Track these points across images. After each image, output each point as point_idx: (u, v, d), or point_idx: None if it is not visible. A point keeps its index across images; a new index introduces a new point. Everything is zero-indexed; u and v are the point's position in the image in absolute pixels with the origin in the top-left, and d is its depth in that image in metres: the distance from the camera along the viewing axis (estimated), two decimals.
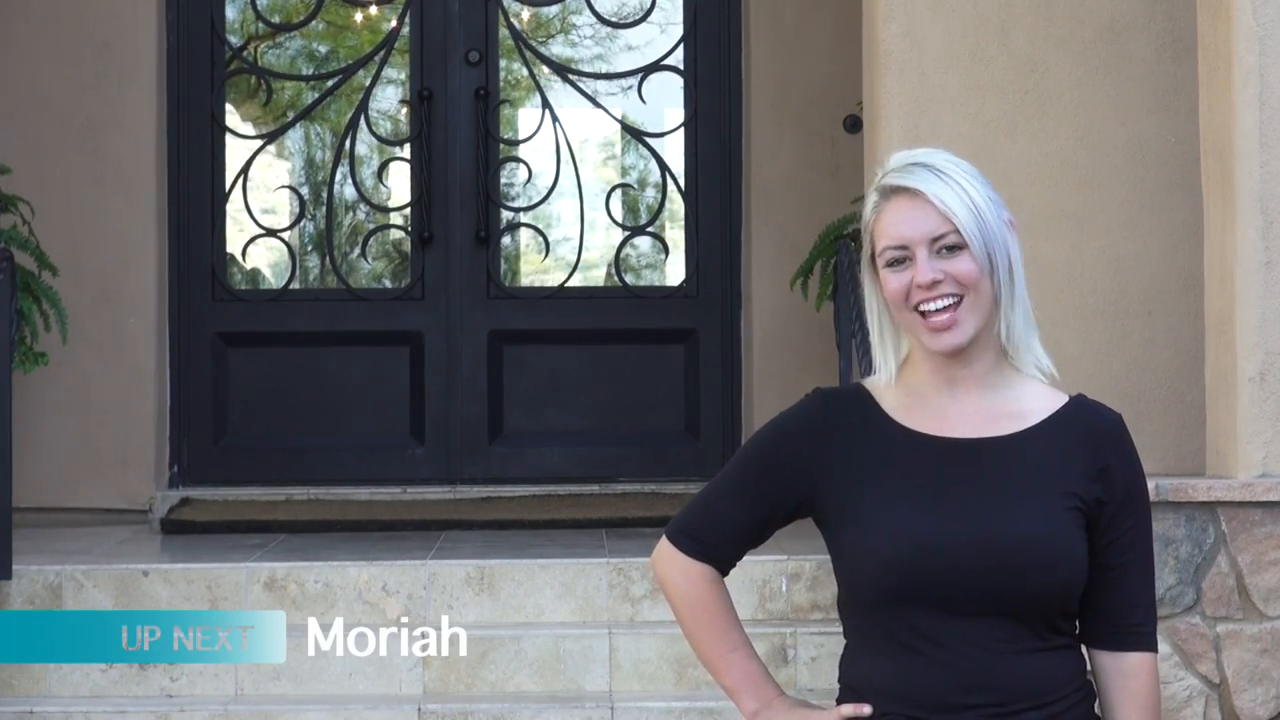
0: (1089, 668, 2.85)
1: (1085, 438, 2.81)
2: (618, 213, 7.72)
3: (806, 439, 2.85)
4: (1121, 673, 2.84)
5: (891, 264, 2.79)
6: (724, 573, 2.92)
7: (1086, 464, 2.79)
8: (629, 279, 7.73)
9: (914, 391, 2.84)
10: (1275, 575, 4.99)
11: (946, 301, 2.76)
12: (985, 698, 2.73)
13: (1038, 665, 2.75)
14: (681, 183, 7.69)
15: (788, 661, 5.49)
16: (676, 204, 7.72)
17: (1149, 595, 2.86)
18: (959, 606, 2.73)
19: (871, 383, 2.89)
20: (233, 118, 7.74)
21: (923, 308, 2.77)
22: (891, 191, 2.80)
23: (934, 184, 2.77)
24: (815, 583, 5.65)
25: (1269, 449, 5.03)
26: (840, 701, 2.85)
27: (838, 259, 6.30)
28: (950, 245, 2.76)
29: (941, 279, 2.76)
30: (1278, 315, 5.04)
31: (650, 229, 7.77)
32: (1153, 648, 2.85)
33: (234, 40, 7.70)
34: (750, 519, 2.88)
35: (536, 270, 7.84)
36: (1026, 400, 2.83)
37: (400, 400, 7.59)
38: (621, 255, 7.74)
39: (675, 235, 7.77)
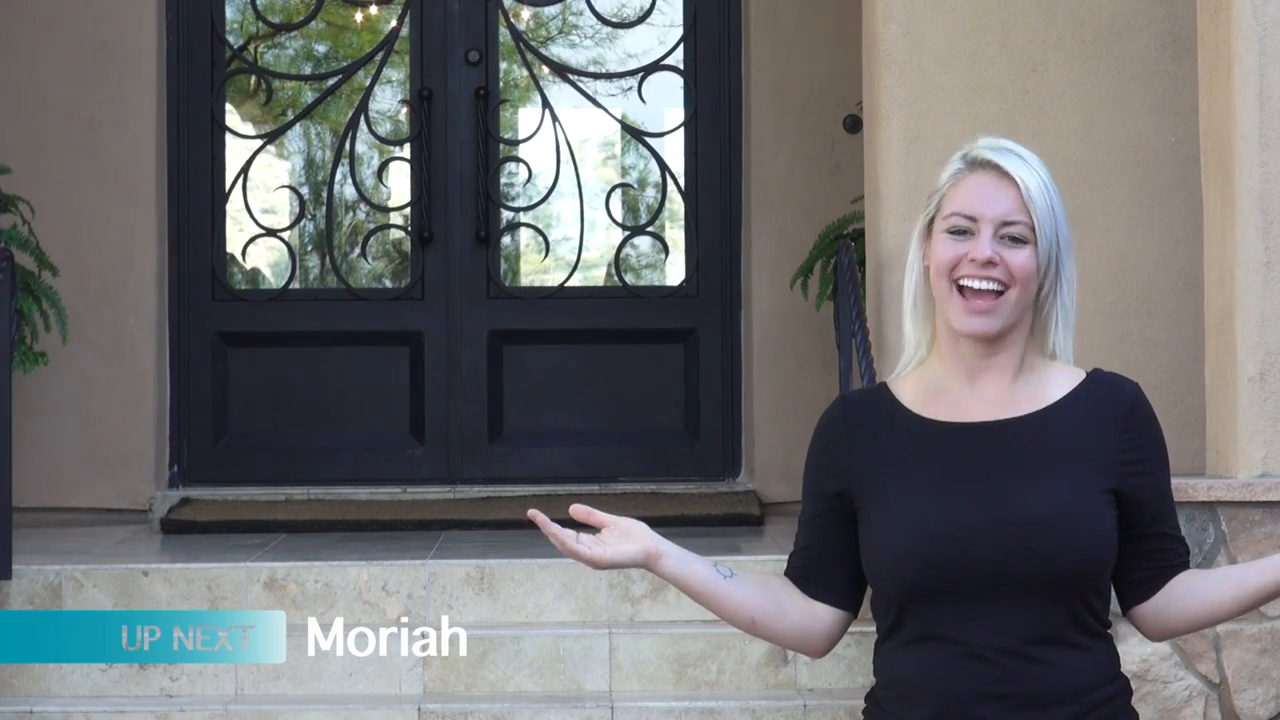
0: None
1: (1107, 415, 2.81)
2: (618, 213, 7.72)
3: (832, 446, 2.89)
4: (1177, 582, 2.85)
5: (952, 232, 2.79)
6: (808, 593, 2.91)
7: (1115, 443, 2.80)
8: (629, 279, 7.72)
9: (933, 383, 2.85)
10: None
11: (991, 286, 2.77)
12: (1009, 690, 2.72)
13: (1067, 658, 2.74)
14: (681, 183, 7.69)
15: (787, 661, 5.49)
16: (676, 204, 7.72)
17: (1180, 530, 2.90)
18: (980, 596, 2.72)
19: (894, 380, 2.90)
20: (233, 118, 7.74)
21: (965, 283, 2.78)
22: (979, 164, 2.81)
23: (1024, 171, 2.79)
24: None
25: (1269, 449, 5.03)
26: (872, 692, 2.86)
27: (838, 259, 6.30)
28: (1015, 236, 2.78)
29: (997, 262, 2.76)
30: (1278, 315, 5.04)
31: (650, 229, 7.77)
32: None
33: (234, 40, 7.70)
34: (814, 540, 2.91)
35: (536, 270, 7.84)
36: (1047, 383, 2.84)
37: (400, 400, 7.59)
38: (621, 255, 7.74)
39: (675, 235, 7.77)
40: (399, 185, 7.73)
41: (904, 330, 2.89)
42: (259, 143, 7.72)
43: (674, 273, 7.77)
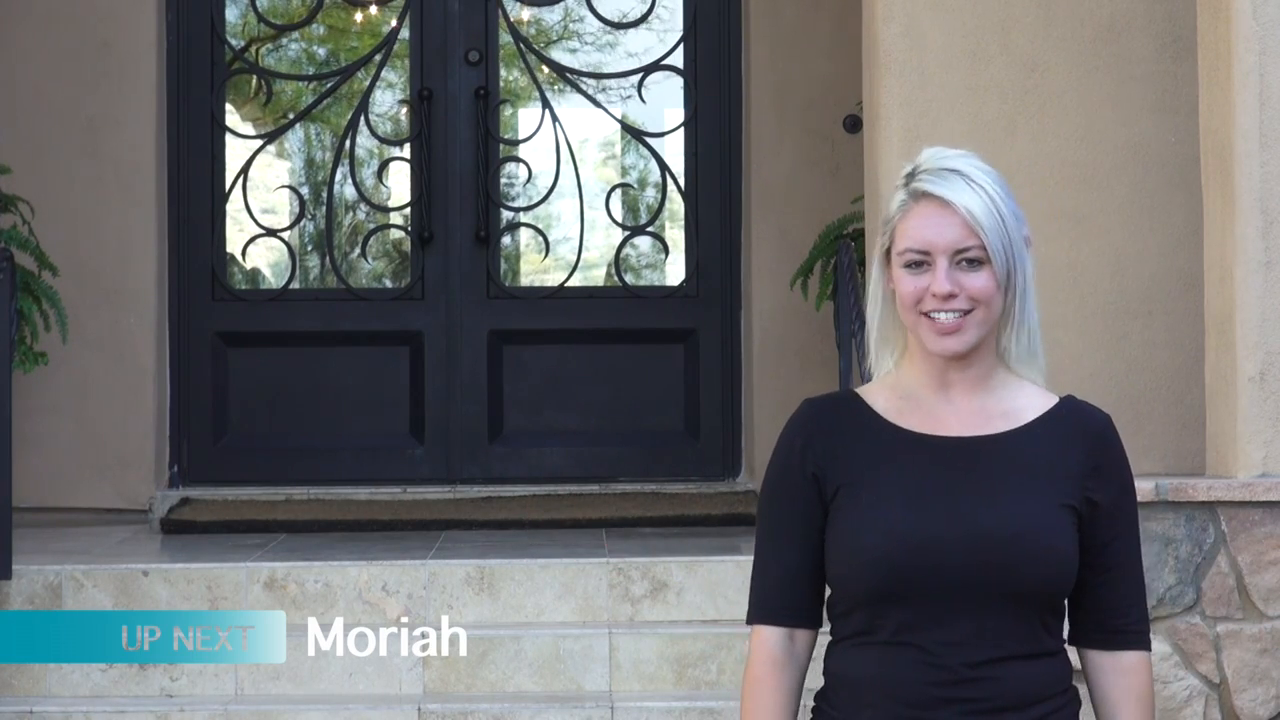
0: (1078, 669, 2.86)
1: (1077, 438, 2.84)
2: (618, 213, 7.72)
3: (803, 449, 2.86)
4: (1119, 671, 2.86)
5: (909, 265, 2.80)
6: (809, 624, 2.88)
7: (1079, 463, 2.82)
8: (629, 279, 7.73)
9: (907, 393, 2.86)
10: (1275, 575, 4.99)
11: (954, 317, 2.78)
12: (968, 694, 2.75)
13: (1023, 668, 2.77)
14: (681, 183, 7.69)
15: None
16: (676, 204, 7.72)
17: (1143, 593, 2.89)
18: (946, 604, 2.75)
19: (864, 388, 2.91)
20: (233, 118, 7.74)
21: (931, 314, 2.79)
22: (922, 195, 2.81)
23: (966, 195, 2.78)
24: None
25: (1269, 449, 5.03)
26: (823, 693, 2.86)
27: (838, 259, 6.30)
28: (972, 259, 2.78)
29: (958, 293, 2.77)
30: (1278, 315, 5.04)
31: (650, 229, 7.77)
32: (1148, 646, 2.89)
33: (235, 42, 7.70)
34: (800, 554, 2.87)
35: (536, 270, 7.84)
36: (1019, 400, 2.86)
37: (400, 400, 7.59)
38: (621, 255, 7.74)
39: (675, 235, 7.77)
40: (399, 185, 7.73)
41: (870, 355, 2.90)
42: (259, 143, 7.72)
43: (674, 273, 7.77)
